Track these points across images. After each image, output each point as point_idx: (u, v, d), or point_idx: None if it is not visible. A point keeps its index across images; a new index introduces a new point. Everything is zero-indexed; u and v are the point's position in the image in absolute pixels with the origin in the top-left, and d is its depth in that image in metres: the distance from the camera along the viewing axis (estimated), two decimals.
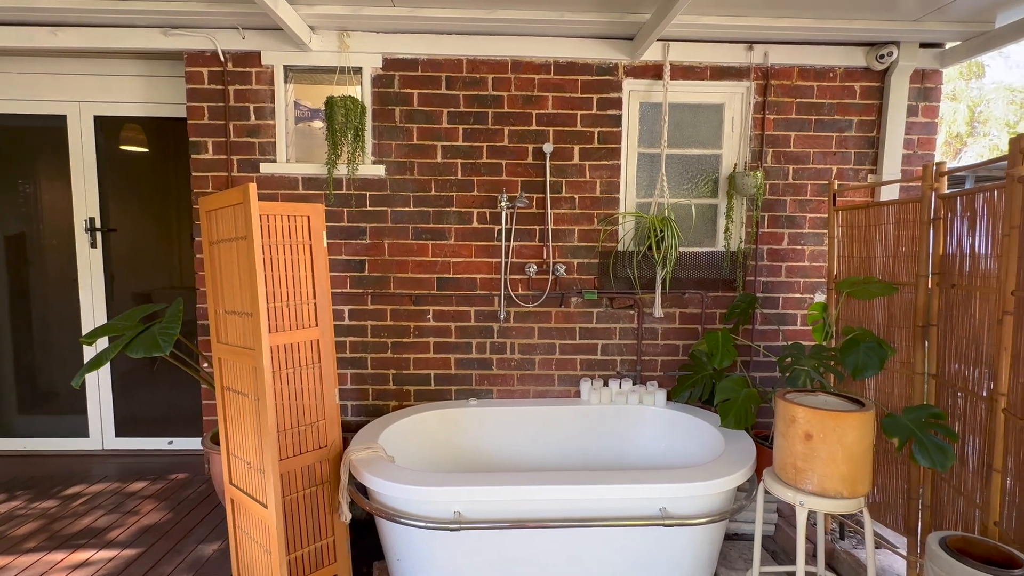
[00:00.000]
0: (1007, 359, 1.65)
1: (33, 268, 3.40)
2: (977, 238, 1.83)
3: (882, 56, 2.82)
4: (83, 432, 3.43)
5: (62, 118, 3.25)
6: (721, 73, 2.91)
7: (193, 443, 3.43)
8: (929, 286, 2.02)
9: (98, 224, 3.33)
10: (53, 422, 3.45)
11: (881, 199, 2.86)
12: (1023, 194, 1.60)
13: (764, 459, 2.40)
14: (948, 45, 2.90)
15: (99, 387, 3.40)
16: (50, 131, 3.27)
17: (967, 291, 1.86)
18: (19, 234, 3.38)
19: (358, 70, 2.88)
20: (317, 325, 2.18)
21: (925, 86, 2.94)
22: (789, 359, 2.24)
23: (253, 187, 1.84)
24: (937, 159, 3.10)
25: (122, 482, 3.06)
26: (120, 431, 3.44)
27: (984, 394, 1.79)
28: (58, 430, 3.44)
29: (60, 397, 3.44)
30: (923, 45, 2.85)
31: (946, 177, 1.99)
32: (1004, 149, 1.72)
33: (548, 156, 2.90)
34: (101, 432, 3.43)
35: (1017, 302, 1.62)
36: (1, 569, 2.28)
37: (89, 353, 3.37)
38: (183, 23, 2.75)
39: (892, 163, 2.91)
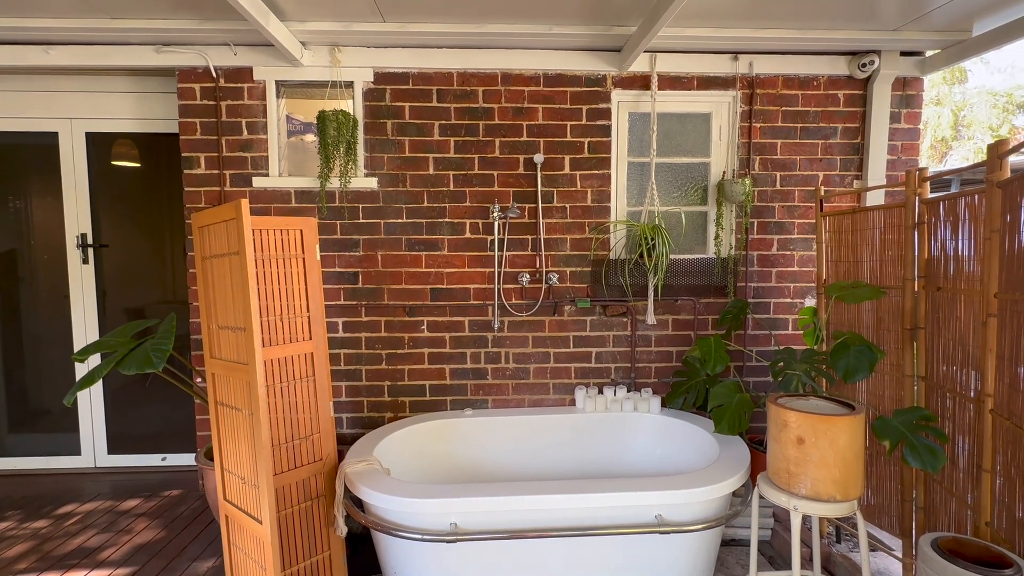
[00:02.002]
0: (992, 360, 1.68)
1: (24, 285, 3.38)
2: (960, 242, 1.86)
3: (864, 65, 2.88)
4: (75, 450, 3.39)
5: (54, 135, 3.26)
6: (708, 83, 2.97)
7: (187, 459, 3.40)
8: (915, 289, 2.05)
9: (90, 240, 3.32)
10: (45, 440, 3.41)
11: (867, 204, 2.91)
12: (1002, 199, 1.64)
13: (759, 464, 2.40)
14: (928, 53, 2.97)
15: (91, 404, 3.37)
16: (41, 148, 3.27)
17: (952, 294, 1.89)
18: (10, 251, 3.36)
19: (350, 84, 2.91)
20: (311, 338, 2.18)
21: (907, 93, 3.00)
22: (781, 364, 2.26)
23: (245, 203, 1.85)
24: (921, 164, 3.15)
25: (115, 500, 3.03)
26: (113, 448, 3.40)
27: (972, 395, 1.81)
28: (50, 448, 3.40)
29: (52, 415, 3.41)
30: (903, 53, 2.92)
31: (928, 182, 2.03)
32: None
33: (539, 166, 2.93)
34: (93, 450, 3.40)
35: (1000, 304, 1.65)
36: None
37: (81, 370, 3.35)
38: (175, 40, 2.77)
39: (877, 169, 2.97)
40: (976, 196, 1.77)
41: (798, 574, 1.75)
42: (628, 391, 2.99)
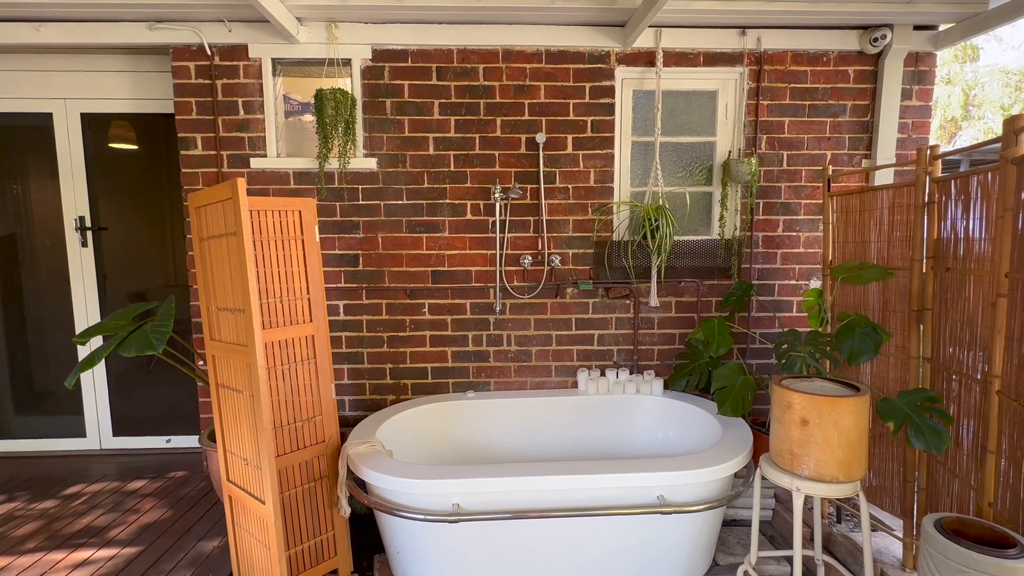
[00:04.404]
0: (1001, 341, 1.65)
1: (25, 268, 3.37)
2: (971, 221, 1.82)
3: (876, 39, 2.80)
4: (80, 432, 3.42)
5: (48, 116, 3.21)
6: (714, 59, 2.89)
7: (191, 441, 3.43)
8: (923, 270, 2.01)
9: (88, 223, 3.30)
10: (50, 423, 3.44)
11: (875, 184, 2.86)
12: (1016, 176, 1.59)
13: (761, 445, 2.41)
14: (942, 27, 2.88)
15: (95, 387, 3.39)
16: (36, 130, 3.23)
17: (961, 274, 1.86)
18: (9, 235, 3.34)
19: (347, 62, 2.85)
20: (312, 320, 2.17)
21: (919, 69, 2.92)
22: (785, 346, 2.25)
23: (242, 182, 1.82)
24: (931, 143, 3.09)
25: (121, 481, 3.06)
26: (117, 430, 3.43)
27: (979, 377, 1.79)
28: (55, 431, 3.43)
29: (56, 398, 3.43)
30: (917, 27, 2.83)
31: (940, 161, 1.98)
32: (999, 132, 1.73)
33: (541, 146, 2.88)
34: (98, 432, 3.42)
35: (1011, 284, 1.62)
36: (1, 570, 2.28)
37: (83, 353, 3.35)
38: (168, 16, 2.70)
39: (886, 147, 2.90)
40: (989, 174, 1.73)
41: (800, 554, 1.75)
42: (630, 373, 2.98)
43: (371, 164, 2.87)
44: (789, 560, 2.27)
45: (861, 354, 1.93)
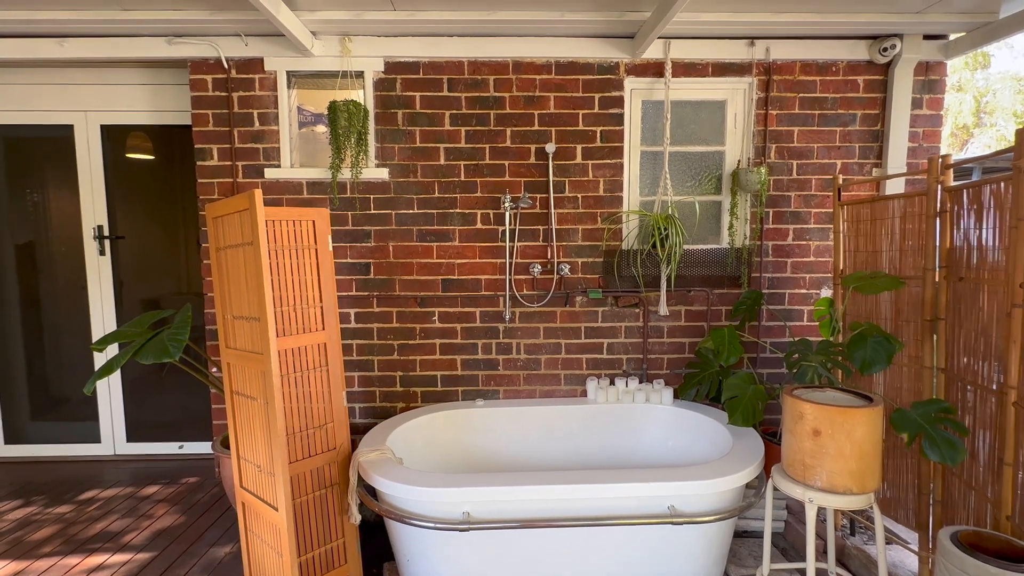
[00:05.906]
0: (1016, 352, 1.64)
1: (43, 276, 3.44)
2: (984, 230, 1.81)
3: (885, 49, 2.81)
4: (95, 438, 3.47)
5: (69, 128, 3.29)
6: (723, 69, 2.91)
7: (204, 447, 3.46)
8: (936, 280, 2.00)
9: (106, 231, 3.37)
10: (65, 428, 3.49)
11: (886, 193, 2.85)
12: None
13: (772, 456, 2.39)
14: (952, 36, 2.88)
15: (110, 393, 3.44)
16: (58, 141, 3.31)
17: (975, 284, 1.85)
18: (29, 243, 3.42)
19: (360, 74, 2.90)
20: (324, 328, 2.19)
21: (929, 78, 2.92)
22: (796, 355, 2.24)
23: (259, 193, 1.85)
24: (943, 151, 3.08)
25: (135, 486, 3.10)
26: (131, 436, 3.47)
27: (994, 388, 1.78)
28: (70, 436, 3.48)
29: (71, 403, 3.48)
30: (926, 37, 2.83)
31: (952, 169, 1.97)
32: (1011, 139, 1.72)
33: (551, 156, 2.91)
34: (112, 437, 3.47)
35: None
36: (19, 573, 2.32)
37: (100, 359, 3.41)
38: (186, 31, 2.77)
39: (897, 156, 2.90)
40: (1002, 183, 1.72)
41: (813, 566, 1.74)
42: (640, 382, 2.98)
43: (383, 174, 2.91)
44: (802, 573, 2.24)
45: (873, 364, 1.92)
